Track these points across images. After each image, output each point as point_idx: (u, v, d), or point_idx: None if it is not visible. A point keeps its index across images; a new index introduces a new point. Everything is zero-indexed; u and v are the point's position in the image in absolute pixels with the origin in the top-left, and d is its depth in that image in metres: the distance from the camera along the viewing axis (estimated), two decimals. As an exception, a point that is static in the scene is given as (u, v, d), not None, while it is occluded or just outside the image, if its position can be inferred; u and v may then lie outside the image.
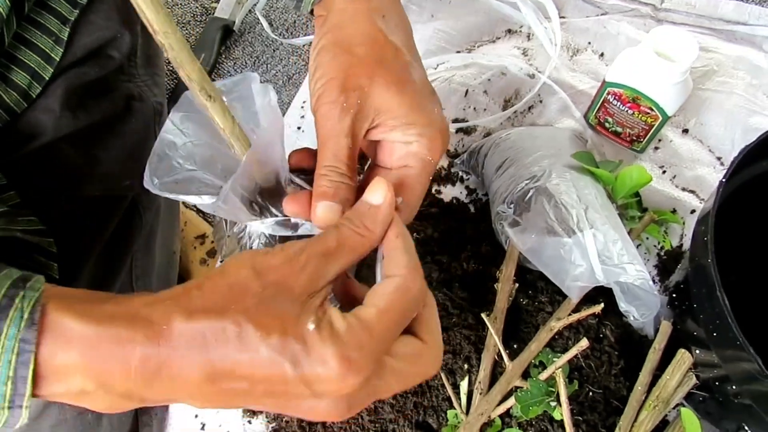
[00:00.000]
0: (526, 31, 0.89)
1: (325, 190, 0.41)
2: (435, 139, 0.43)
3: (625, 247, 0.57)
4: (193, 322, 0.32)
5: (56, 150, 0.55)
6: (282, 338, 0.32)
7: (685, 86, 0.72)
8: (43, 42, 0.54)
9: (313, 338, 0.32)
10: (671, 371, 0.59)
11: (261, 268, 0.34)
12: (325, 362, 0.32)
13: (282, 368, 0.32)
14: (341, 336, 0.32)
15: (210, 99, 0.35)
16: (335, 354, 0.32)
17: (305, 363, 0.32)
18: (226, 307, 0.32)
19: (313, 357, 0.32)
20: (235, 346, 0.32)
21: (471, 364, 0.61)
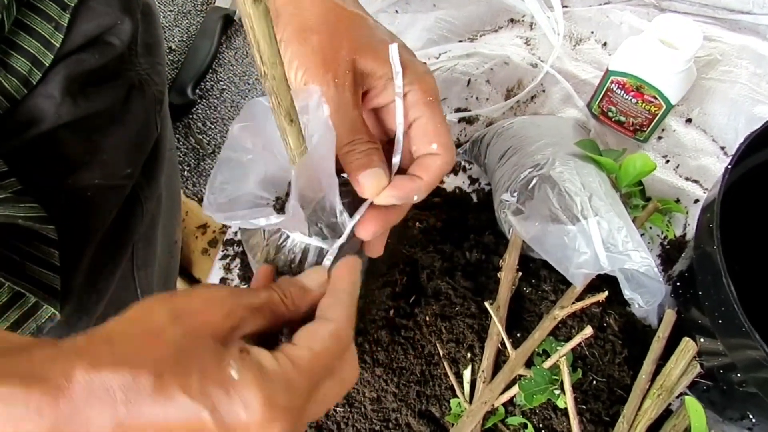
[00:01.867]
0: (528, 21, 0.89)
1: (360, 162, 0.41)
2: (425, 80, 0.43)
3: (629, 234, 0.56)
4: (98, 374, 0.28)
5: (57, 137, 0.55)
6: (201, 385, 0.29)
7: (689, 75, 0.72)
8: (43, 28, 0.53)
9: (235, 383, 0.30)
10: (675, 360, 0.59)
11: (179, 312, 0.31)
12: (248, 407, 0.29)
13: (201, 417, 0.29)
14: (269, 376, 0.30)
15: (291, 123, 0.36)
16: (260, 397, 0.29)
17: (226, 410, 0.29)
18: (137, 356, 0.29)
19: (235, 402, 0.29)
20: (149, 399, 0.28)
21: (474, 353, 0.61)
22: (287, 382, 0.31)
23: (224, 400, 0.29)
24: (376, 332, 0.65)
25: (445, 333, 0.63)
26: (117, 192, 0.62)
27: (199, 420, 0.29)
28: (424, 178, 0.43)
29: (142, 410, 0.28)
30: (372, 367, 0.63)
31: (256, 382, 0.30)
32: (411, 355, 0.63)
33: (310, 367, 0.32)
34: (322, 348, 0.34)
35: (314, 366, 0.33)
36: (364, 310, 0.68)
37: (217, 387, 0.29)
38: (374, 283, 0.69)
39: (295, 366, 0.32)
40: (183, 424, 0.29)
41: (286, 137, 0.38)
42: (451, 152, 0.44)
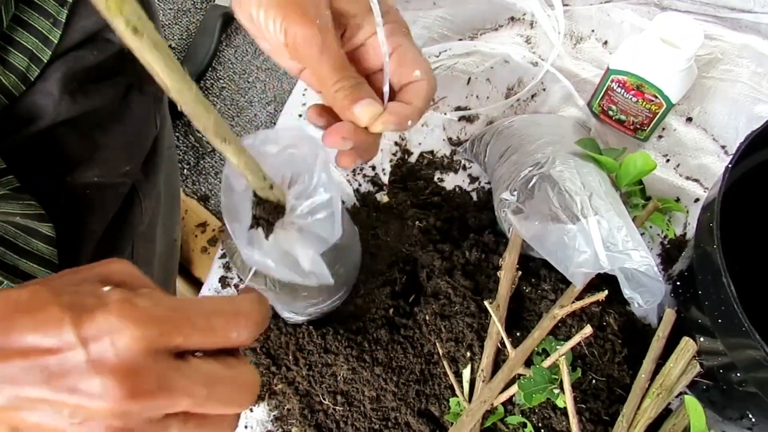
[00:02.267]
0: (529, 19, 0.89)
1: (352, 96, 0.43)
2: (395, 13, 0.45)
3: (629, 233, 0.56)
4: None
5: (55, 134, 0.55)
6: (71, 296, 0.29)
7: (690, 73, 0.72)
8: (41, 24, 0.53)
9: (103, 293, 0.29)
10: (675, 359, 0.59)
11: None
12: (104, 301, 0.28)
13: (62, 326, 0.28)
14: (137, 296, 0.29)
15: (225, 142, 0.36)
16: (119, 295, 0.29)
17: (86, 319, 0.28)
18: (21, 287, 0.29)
19: (97, 308, 0.28)
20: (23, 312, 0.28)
21: (473, 352, 0.61)
22: (153, 297, 0.30)
23: (88, 308, 0.28)
24: (375, 331, 0.65)
25: (444, 332, 0.62)
26: (116, 190, 0.62)
27: (61, 328, 0.28)
28: (415, 102, 0.45)
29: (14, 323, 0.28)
30: (371, 366, 0.63)
31: (121, 292, 0.29)
32: (410, 354, 0.63)
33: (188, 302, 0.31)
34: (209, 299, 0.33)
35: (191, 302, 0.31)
36: (363, 309, 0.68)
37: (86, 297, 0.29)
38: (374, 282, 0.69)
39: (170, 296, 0.31)
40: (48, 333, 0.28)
41: (225, 156, 0.37)
42: (433, 77, 0.46)
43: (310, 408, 0.64)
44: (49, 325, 0.28)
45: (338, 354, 0.63)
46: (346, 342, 0.64)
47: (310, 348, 0.64)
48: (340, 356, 0.63)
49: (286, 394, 0.65)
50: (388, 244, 0.71)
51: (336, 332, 0.64)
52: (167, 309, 0.30)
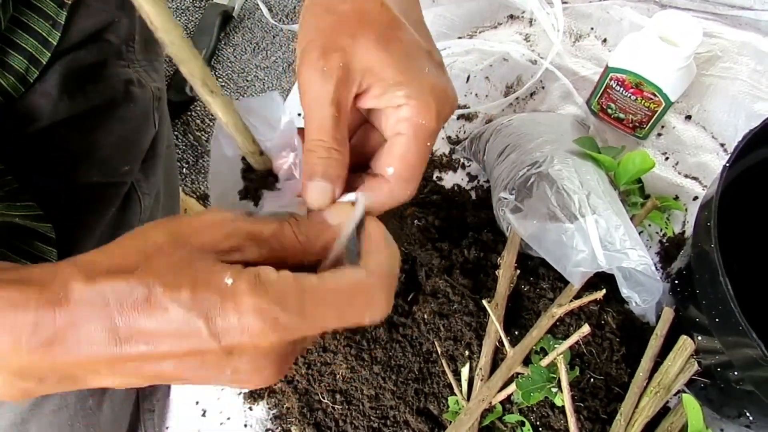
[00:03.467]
0: (528, 17, 0.89)
1: (314, 168, 0.38)
2: (427, 102, 0.38)
3: (627, 232, 0.56)
4: (94, 284, 0.29)
5: (54, 135, 0.55)
6: (193, 293, 0.29)
7: (689, 71, 0.72)
8: (39, 25, 0.53)
9: (229, 289, 0.29)
10: (673, 358, 0.59)
11: (179, 233, 0.31)
12: (240, 312, 0.29)
13: (193, 324, 0.29)
14: (264, 285, 0.29)
15: (212, 94, 0.34)
16: (252, 305, 0.29)
17: (218, 316, 0.29)
18: (132, 268, 0.29)
19: (228, 308, 0.29)
20: (142, 308, 0.29)
21: (472, 351, 0.61)
22: (281, 295, 0.30)
23: (217, 307, 0.29)
24: (374, 330, 0.65)
25: (443, 331, 0.63)
26: (115, 189, 0.62)
27: (192, 328, 0.29)
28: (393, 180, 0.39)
29: (137, 320, 0.29)
30: (370, 365, 0.63)
31: (249, 290, 0.29)
32: (409, 352, 0.63)
33: (314, 292, 0.31)
34: (337, 285, 0.32)
35: (319, 294, 0.31)
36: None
37: (210, 294, 0.29)
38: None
39: (297, 285, 0.31)
40: (175, 331, 0.29)
41: (212, 109, 0.35)
42: (406, 186, 0.39)
43: (309, 406, 0.64)
44: (182, 330, 0.29)
45: (337, 353, 0.63)
46: (344, 341, 0.64)
47: (308, 347, 0.65)
48: (338, 355, 0.63)
49: (285, 393, 0.65)
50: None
51: (334, 331, 0.65)
52: (299, 310, 0.30)
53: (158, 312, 0.29)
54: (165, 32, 0.31)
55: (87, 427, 0.60)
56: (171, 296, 0.29)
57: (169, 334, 0.29)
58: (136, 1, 0.31)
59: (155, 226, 0.32)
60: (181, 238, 0.31)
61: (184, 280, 0.29)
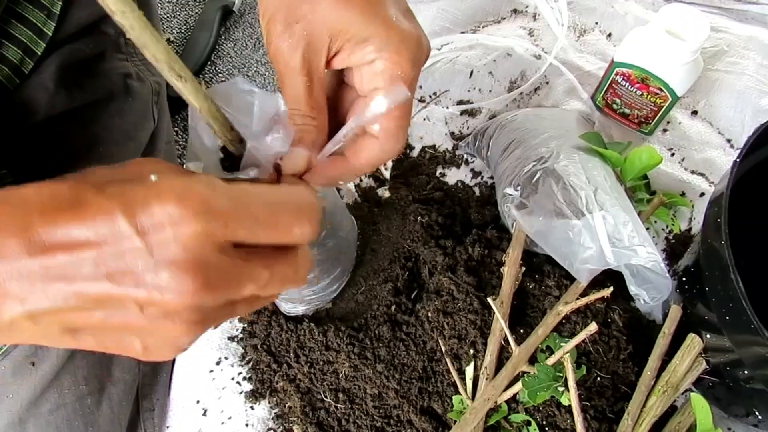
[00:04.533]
0: (532, 11, 0.87)
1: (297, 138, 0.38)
2: (399, 51, 0.37)
3: (635, 229, 0.55)
4: (18, 189, 0.27)
5: (51, 128, 0.54)
6: (118, 187, 0.27)
7: (696, 66, 0.71)
8: (35, 16, 0.52)
9: (153, 183, 0.27)
10: (681, 356, 0.58)
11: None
12: (161, 200, 0.27)
13: (113, 217, 0.26)
14: (190, 176, 0.28)
15: (181, 79, 0.32)
16: (176, 189, 0.27)
17: (140, 207, 0.27)
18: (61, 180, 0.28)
19: (151, 198, 0.27)
20: (64, 208, 0.27)
21: (477, 349, 0.60)
22: (208, 182, 0.29)
23: (139, 198, 0.27)
24: (377, 328, 0.64)
25: (447, 329, 0.62)
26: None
27: (112, 220, 0.27)
28: (353, 163, 0.39)
29: (57, 221, 0.27)
30: (373, 364, 0.62)
31: (173, 179, 0.28)
32: (413, 351, 0.62)
33: (242, 189, 0.30)
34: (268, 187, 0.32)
35: (248, 191, 0.30)
36: (364, 306, 0.67)
37: (134, 187, 0.27)
38: (375, 278, 0.68)
39: (222, 183, 0.29)
40: (97, 225, 0.27)
41: (183, 95, 0.34)
42: (394, 140, 0.39)
43: (311, 406, 0.63)
44: (98, 217, 0.27)
45: (340, 351, 0.63)
46: (347, 339, 0.63)
47: (311, 345, 0.64)
48: (341, 353, 0.62)
49: (287, 392, 0.64)
50: (389, 240, 0.70)
51: (337, 329, 0.64)
52: (228, 198, 0.29)
53: (80, 206, 0.27)
54: (122, 16, 0.29)
55: (86, 426, 0.60)
56: (94, 190, 0.27)
57: (89, 229, 0.27)
58: None
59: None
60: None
61: (110, 181, 0.28)
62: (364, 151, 0.39)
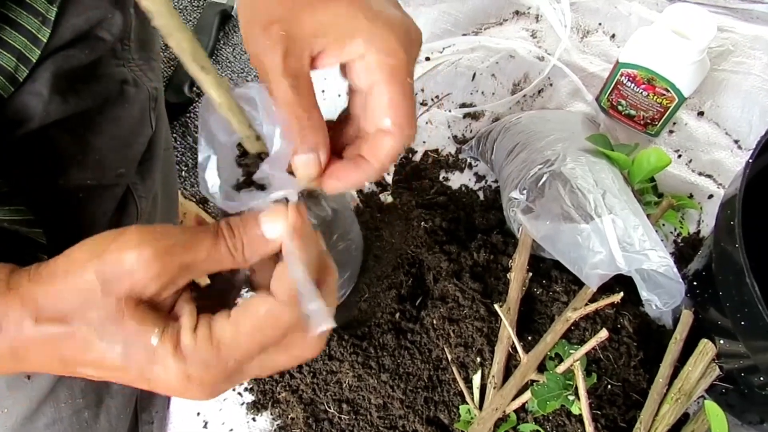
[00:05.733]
0: (534, 13, 0.86)
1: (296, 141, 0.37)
2: (388, 39, 0.36)
3: (646, 232, 0.54)
4: (42, 326, 0.33)
5: (46, 136, 0.52)
6: (125, 350, 0.33)
7: (702, 66, 0.69)
8: (29, 22, 0.51)
9: (155, 351, 0.32)
10: (693, 362, 0.57)
11: (107, 279, 0.32)
12: (167, 373, 0.33)
13: (129, 373, 0.33)
14: (185, 353, 0.33)
15: (203, 70, 0.32)
16: (176, 370, 0.32)
17: (149, 370, 0.33)
18: (71, 315, 0.33)
19: (157, 367, 0.33)
20: (83, 349, 0.33)
21: (484, 358, 0.59)
22: (202, 362, 0.33)
23: (146, 364, 0.33)
24: (381, 336, 0.62)
25: (453, 337, 0.60)
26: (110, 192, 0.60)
27: (128, 375, 0.33)
28: (372, 163, 0.38)
29: (79, 356, 0.33)
30: (378, 373, 0.60)
31: (172, 355, 0.33)
32: (418, 359, 0.61)
33: (233, 347, 0.33)
34: (252, 328, 0.33)
35: (238, 346, 0.33)
36: (368, 314, 0.66)
37: (140, 355, 0.33)
38: (378, 285, 0.66)
39: (214, 346, 0.33)
40: (113, 373, 0.34)
41: (204, 87, 0.33)
42: (407, 130, 0.38)
43: (314, 417, 0.62)
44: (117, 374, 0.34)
45: (343, 360, 0.61)
46: (351, 348, 0.61)
47: (313, 355, 0.62)
48: (345, 363, 0.61)
49: (290, 403, 0.62)
50: (392, 246, 0.68)
51: (341, 338, 0.62)
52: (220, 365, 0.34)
53: (96, 355, 0.33)
54: (152, 1, 0.29)
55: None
56: (106, 349, 0.33)
57: (107, 370, 0.34)
58: None
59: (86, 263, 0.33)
60: (109, 284, 0.32)
61: (116, 338, 0.33)
62: (382, 147, 0.38)
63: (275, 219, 0.35)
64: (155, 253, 0.32)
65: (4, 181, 0.49)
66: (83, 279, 0.32)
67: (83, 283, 0.32)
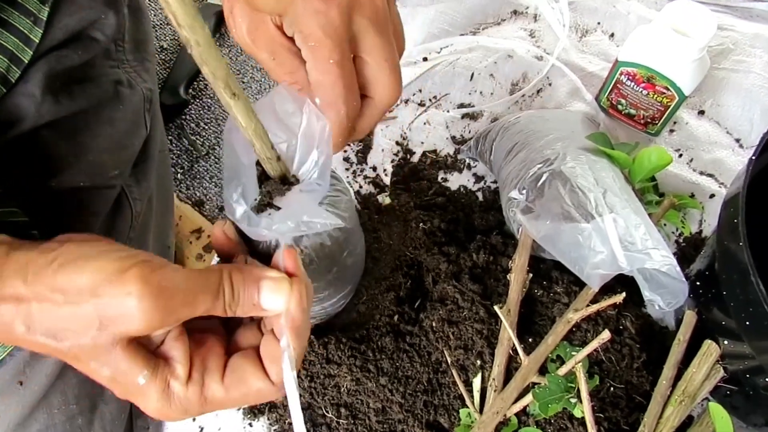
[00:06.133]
0: (532, 12, 0.86)
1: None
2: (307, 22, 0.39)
3: (648, 231, 0.53)
4: (34, 338, 0.34)
5: (38, 137, 0.52)
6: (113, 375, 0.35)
7: (702, 64, 0.69)
8: (20, 22, 0.50)
9: (141, 389, 0.35)
10: (697, 364, 0.56)
11: (104, 314, 0.33)
12: (147, 405, 0.35)
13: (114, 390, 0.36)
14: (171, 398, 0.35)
15: (234, 97, 0.33)
16: (159, 407, 0.35)
17: (132, 396, 0.36)
18: (64, 336, 0.34)
19: (140, 398, 0.35)
20: (73, 363, 0.35)
21: (484, 360, 0.58)
22: (185, 409, 0.36)
23: (131, 393, 0.35)
24: (380, 339, 0.61)
25: (452, 339, 0.59)
26: (104, 194, 0.59)
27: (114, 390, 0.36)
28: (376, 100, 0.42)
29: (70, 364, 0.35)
30: (376, 377, 0.59)
31: (158, 396, 0.35)
32: (417, 362, 0.60)
33: (217, 405, 0.37)
34: (241, 397, 0.37)
35: (222, 405, 0.37)
36: (366, 316, 0.65)
37: (125, 387, 0.35)
38: (377, 287, 0.66)
39: (200, 402, 0.36)
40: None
41: (232, 113, 0.35)
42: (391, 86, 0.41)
43: (312, 422, 0.61)
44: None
45: (341, 364, 0.60)
46: (349, 351, 0.60)
47: (311, 358, 0.61)
48: (343, 366, 0.60)
49: (287, 408, 0.61)
50: (391, 248, 0.68)
51: (338, 341, 0.61)
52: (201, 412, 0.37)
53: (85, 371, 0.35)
54: (191, 30, 0.30)
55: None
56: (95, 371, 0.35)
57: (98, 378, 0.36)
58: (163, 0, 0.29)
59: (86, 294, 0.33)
60: (106, 321, 0.33)
61: (107, 365, 0.34)
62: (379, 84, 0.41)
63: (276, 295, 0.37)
64: (155, 307, 0.33)
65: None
66: (82, 310, 0.33)
67: (81, 313, 0.33)
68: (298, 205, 0.40)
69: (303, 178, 0.41)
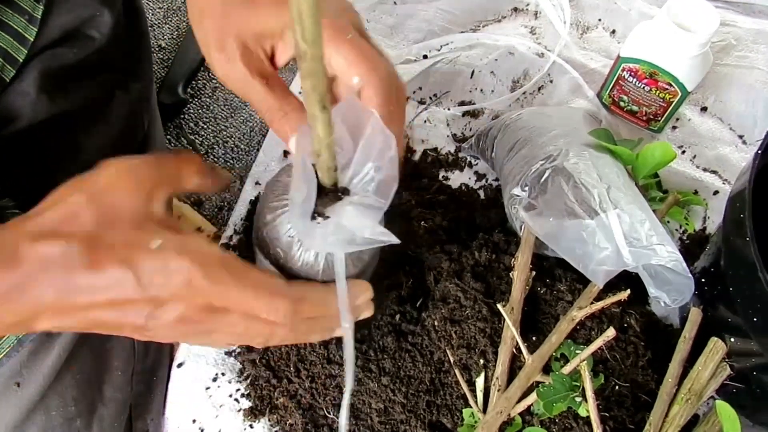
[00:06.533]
0: (533, 9, 0.85)
1: (283, 133, 0.42)
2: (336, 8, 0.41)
3: (653, 227, 0.52)
4: (40, 245, 0.34)
5: (34, 136, 0.51)
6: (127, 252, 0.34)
7: (705, 59, 0.68)
8: (15, 21, 0.50)
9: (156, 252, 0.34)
10: (703, 361, 0.55)
11: (92, 191, 0.35)
12: (164, 270, 0.34)
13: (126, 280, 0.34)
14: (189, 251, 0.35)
15: (324, 110, 0.34)
16: (176, 265, 0.34)
17: (146, 273, 0.34)
18: (66, 231, 0.34)
19: (156, 266, 0.34)
20: (83, 268, 0.34)
21: (487, 359, 0.57)
22: (206, 260, 0.35)
23: (145, 266, 0.34)
24: (381, 339, 0.61)
25: (455, 338, 0.59)
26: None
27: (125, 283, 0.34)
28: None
29: (78, 278, 0.34)
30: (378, 377, 0.59)
31: (176, 252, 0.35)
32: (419, 362, 0.59)
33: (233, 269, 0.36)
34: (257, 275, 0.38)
35: (238, 272, 0.37)
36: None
37: (142, 254, 0.34)
38: (378, 286, 0.65)
39: (221, 257, 0.36)
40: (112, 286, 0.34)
41: (315, 125, 0.35)
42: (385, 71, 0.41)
43: (313, 422, 0.60)
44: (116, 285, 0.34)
45: (343, 364, 0.59)
46: (350, 351, 0.60)
47: (312, 359, 0.61)
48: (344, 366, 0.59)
49: (288, 408, 0.61)
50: (392, 246, 0.67)
51: (339, 341, 0.60)
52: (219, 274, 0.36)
53: (96, 270, 0.34)
54: (314, 45, 0.30)
55: (75, 450, 0.57)
56: (107, 256, 0.34)
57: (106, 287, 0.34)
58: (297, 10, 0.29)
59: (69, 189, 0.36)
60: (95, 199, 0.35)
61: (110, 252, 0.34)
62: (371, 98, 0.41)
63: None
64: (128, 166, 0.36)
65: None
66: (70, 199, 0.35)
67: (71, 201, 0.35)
68: (357, 219, 0.40)
69: (355, 190, 0.41)
